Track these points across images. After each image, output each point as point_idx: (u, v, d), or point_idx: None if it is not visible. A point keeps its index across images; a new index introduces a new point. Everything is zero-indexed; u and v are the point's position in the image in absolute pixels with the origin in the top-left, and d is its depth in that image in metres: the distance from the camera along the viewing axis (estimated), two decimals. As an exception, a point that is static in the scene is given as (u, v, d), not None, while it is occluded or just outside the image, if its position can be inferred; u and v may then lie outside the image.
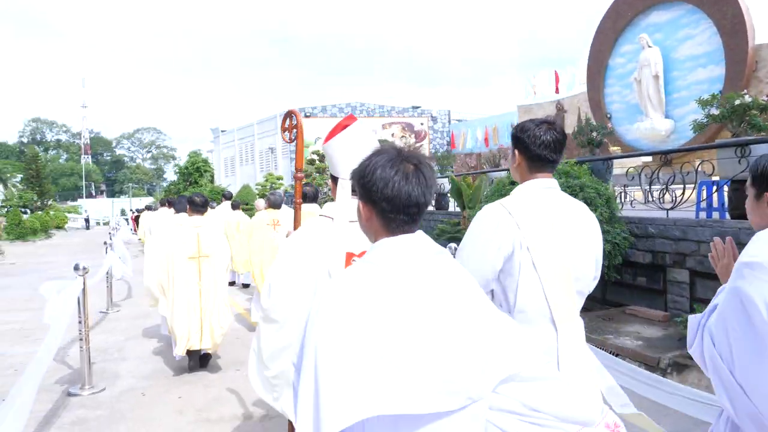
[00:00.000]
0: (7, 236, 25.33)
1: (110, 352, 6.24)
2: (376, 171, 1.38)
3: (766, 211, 1.72)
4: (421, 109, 48.41)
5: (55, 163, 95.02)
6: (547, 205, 2.14)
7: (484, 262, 2.07)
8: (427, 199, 1.40)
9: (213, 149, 58.36)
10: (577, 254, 2.13)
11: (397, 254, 1.39)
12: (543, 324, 2.08)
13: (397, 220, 1.40)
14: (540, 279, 2.04)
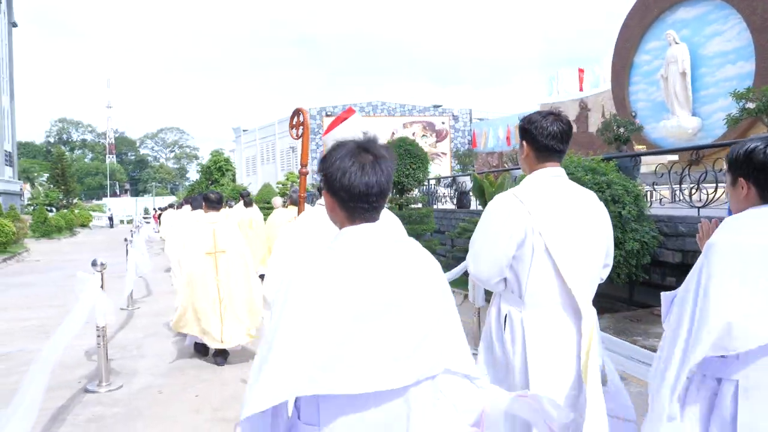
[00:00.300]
0: (33, 234, 25.71)
1: (129, 349, 6.22)
2: (335, 162, 1.46)
3: (741, 196, 1.79)
4: (443, 108, 48.15)
5: (80, 163, 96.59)
6: (556, 192, 2.19)
7: (497, 249, 2.14)
8: (383, 189, 1.47)
9: (235, 149, 58.78)
10: (586, 240, 2.17)
11: (356, 242, 1.48)
12: (555, 308, 2.12)
13: (357, 209, 1.47)
14: (554, 262, 2.09)
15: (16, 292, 10.67)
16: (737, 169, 1.79)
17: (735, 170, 1.80)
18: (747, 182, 1.77)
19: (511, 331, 2.17)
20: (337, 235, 1.52)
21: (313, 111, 44.74)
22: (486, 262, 2.18)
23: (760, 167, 1.72)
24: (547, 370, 2.10)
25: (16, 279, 12.71)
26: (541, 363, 2.10)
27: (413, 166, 11.38)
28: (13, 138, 42.29)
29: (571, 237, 2.13)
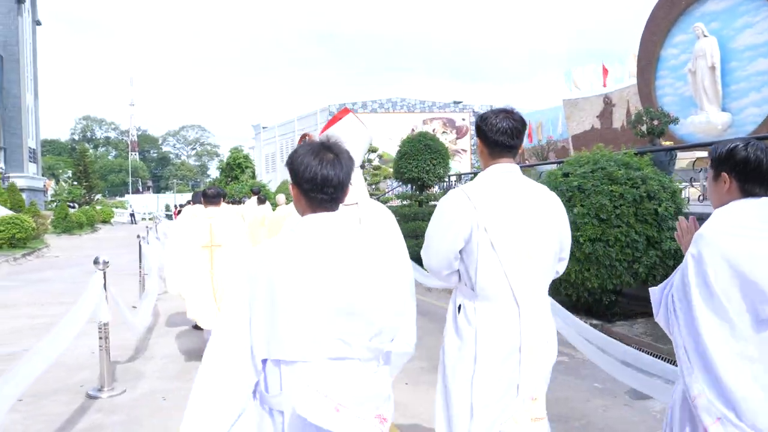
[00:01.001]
0: (54, 230, 25.87)
1: (138, 349, 5.99)
2: (299, 158, 1.66)
3: (722, 190, 1.93)
4: (463, 105, 47.59)
5: (104, 160, 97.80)
6: (506, 188, 2.26)
7: (445, 242, 2.25)
8: (341, 181, 1.66)
9: (254, 146, 58.88)
10: (536, 235, 2.23)
11: (315, 226, 1.66)
12: (504, 300, 2.20)
13: (317, 199, 1.67)
14: (498, 258, 2.18)
15: (31, 288, 10.57)
16: (720, 165, 1.95)
17: (718, 166, 1.96)
18: (729, 177, 1.92)
19: (466, 321, 2.27)
20: (299, 221, 1.70)
21: (333, 108, 44.53)
22: (436, 255, 2.30)
23: (742, 163, 1.88)
24: (493, 361, 2.21)
25: (33, 275, 12.65)
26: (488, 353, 2.21)
27: (433, 162, 11.05)
28: (37, 135, 42.78)
29: (517, 232, 2.21)
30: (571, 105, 37.69)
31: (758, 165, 1.88)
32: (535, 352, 2.22)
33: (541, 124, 42.12)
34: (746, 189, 1.91)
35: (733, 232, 1.81)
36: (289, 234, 1.68)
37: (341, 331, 1.60)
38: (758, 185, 1.90)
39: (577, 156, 6.93)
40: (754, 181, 1.90)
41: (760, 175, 1.89)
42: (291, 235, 1.67)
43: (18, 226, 17.12)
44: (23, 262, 15.36)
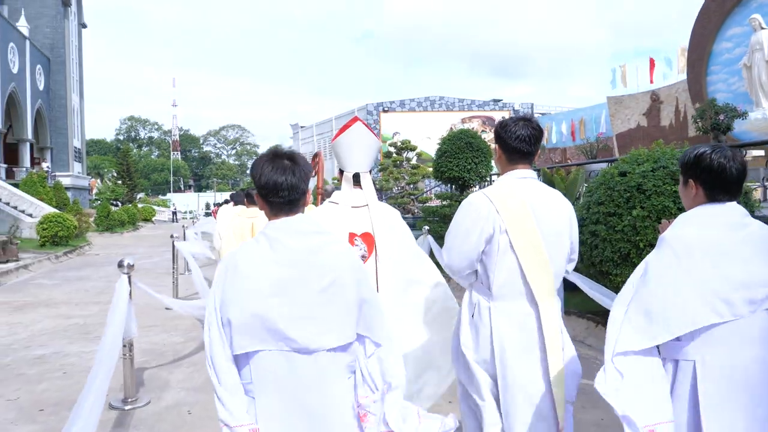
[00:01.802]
0: (97, 228, 26.30)
1: (165, 355, 5.75)
2: (256, 167, 1.83)
3: (690, 196, 1.98)
4: (503, 103, 46.75)
5: (147, 159, 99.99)
6: (523, 193, 2.33)
7: (469, 243, 2.30)
8: (293, 184, 1.80)
9: (292, 145, 59.18)
10: (550, 237, 2.31)
11: (269, 231, 1.81)
12: (519, 300, 2.29)
13: (274, 203, 1.82)
14: (517, 259, 2.26)
15: (69, 287, 10.55)
16: (688, 171, 1.98)
17: (686, 172, 2.00)
18: (696, 183, 1.95)
19: (480, 319, 2.34)
20: (265, 226, 1.83)
21: (371, 107, 44.28)
22: (458, 256, 2.34)
23: (707, 170, 1.91)
24: (511, 358, 2.27)
25: (72, 273, 12.70)
26: (505, 350, 2.27)
27: (475, 161, 10.59)
28: (82, 135, 43.82)
29: (535, 235, 2.29)
30: (615, 102, 36.50)
31: (722, 172, 1.90)
32: (556, 354, 2.29)
33: (584, 122, 40.98)
34: (711, 195, 1.94)
35: (691, 235, 1.87)
36: (256, 238, 1.84)
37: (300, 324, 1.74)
38: (722, 191, 1.93)
39: (635, 153, 6.40)
40: (718, 187, 1.92)
41: (723, 181, 1.91)
42: (253, 242, 1.83)
43: (61, 225, 17.33)
44: (64, 260, 15.52)
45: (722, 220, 1.88)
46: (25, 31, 34.26)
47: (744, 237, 1.85)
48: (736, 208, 1.93)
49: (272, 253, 1.76)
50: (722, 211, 1.91)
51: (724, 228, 1.86)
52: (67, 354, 5.81)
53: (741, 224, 1.88)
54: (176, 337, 6.51)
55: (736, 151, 1.96)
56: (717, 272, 1.79)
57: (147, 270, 13.08)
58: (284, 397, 1.74)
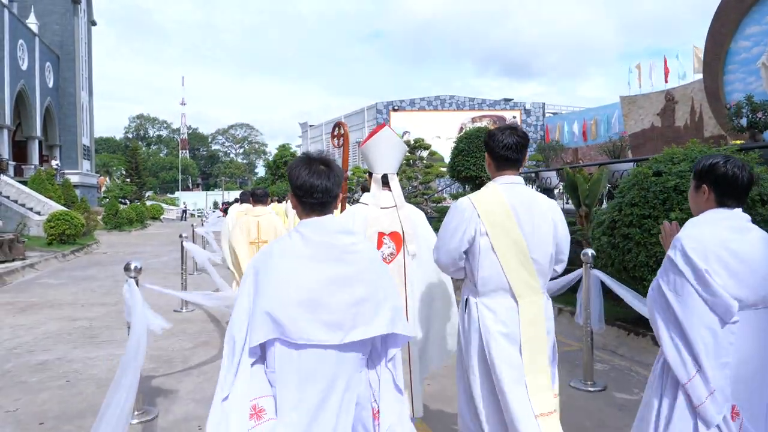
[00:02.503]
0: (105, 226, 26.14)
1: (174, 362, 5.45)
2: (294, 169, 1.96)
3: (702, 200, 2.19)
4: (514, 102, 46.33)
5: (155, 157, 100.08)
6: (507, 197, 2.52)
7: (453, 243, 2.54)
8: (328, 187, 1.93)
9: (301, 144, 58.92)
10: (534, 239, 2.51)
11: (303, 229, 1.93)
12: (503, 295, 2.51)
13: (308, 204, 1.95)
14: (498, 258, 2.48)
15: (75, 287, 10.30)
16: (702, 178, 2.18)
17: (700, 178, 2.19)
18: (708, 189, 2.16)
19: (469, 313, 2.58)
20: (298, 224, 1.97)
21: (380, 106, 44.00)
22: (445, 255, 2.58)
23: (721, 178, 2.13)
24: (495, 348, 2.48)
25: (79, 272, 12.46)
26: (490, 340, 2.49)
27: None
28: (91, 133, 43.75)
29: (517, 236, 2.49)
30: (629, 102, 35.99)
31: (734, 180, 2.11)
32: (534, 341, 2.50)
33: (596, 121, 40.48)
34: (721, 201, 2.14)
35: (704, 234, 2.06)
36: (290, 232, 1.95)
37: (326, 318, 1.83)
38: (732, 198, 2.14)
39: (669, 152, 6.05)
40: (729, 194, 2.13)
41: (734, 189, 2.12)
42: (287, 239, 1.94)
43: (68, 223, 17.13)
44: (71, 258, 15.29)
45: (730, 224, 2.09)
46: (34, 28, 34.18)
47: (750, 239, 2.08)
48: (741, 214, 2.14)
49: (305, 249, 1.88)
50: (731, 215, 2.12)
51: (731, 230, 2.07)
52: (70, 360, 5.52)
53: (746, 228, 2.11)
54: (185, 341, 6.22)
55: (746, 162, 2.20)
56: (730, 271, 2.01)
57: (155, 270, 12.82)
58: (303, 386, 1.83)
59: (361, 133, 46.24)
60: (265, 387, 1.85)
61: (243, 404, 1.82)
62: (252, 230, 5.95)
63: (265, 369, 1.87)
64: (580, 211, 8.89)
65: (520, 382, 2.45)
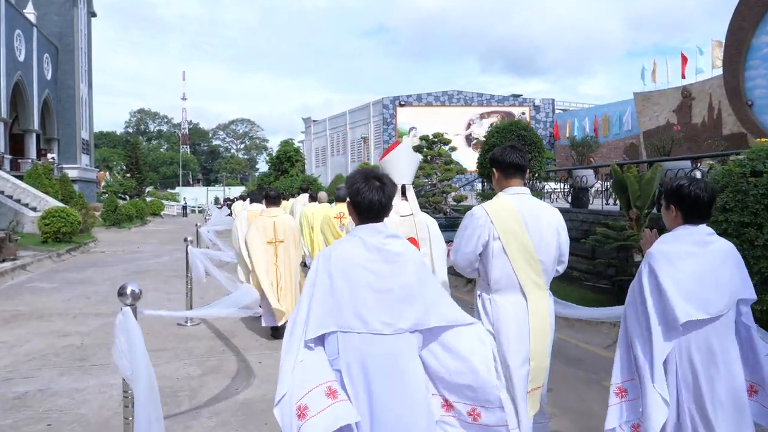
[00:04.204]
0: (103, 222, 25.21)
1: (180, 397, 4.53)
2: (354, 185, 2.28)
3: (671, 218, 2.54)
4: (523, 98, 45.35)
5: (156, 152, 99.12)
6: (516, 206, 2.89)
7: (470, 247, 2.89)
8: (383, 204, 2.28)
9: (303, 139, 57.93)
10: (539, 242, 2.87)
11: (361, 234, 2.26)
12: (513, 293, 2.86)
13: (364, 216, 2.28)
14: (509, 260, 2.82)
15: (68, 292, 9.38)
16: (670, 198, 2.53)
17: (668, 198, 2.54)
18: (676, 208, 2.51)
19: (484, 309, 2.93)
20: (355, 229, 2.31)
21: (387, 101, 43.00)
22: (462, 257, 2.94)
23: (686, 198, 2.46)
24: (506, 339, 2.83)
25: (75, 274, 11.55)
26: (501, 333, 2.84)
27: (528, 156, 9.31)
28: (90, 127, 42.77)
29: (525, 240, 2.84)
30: (643, 98, 35.03)
31: (696, 201, 2.45)
32: (540, 332, 2.86)
33: (608, 118, 39.52)
34: (687, 218, 2.49)
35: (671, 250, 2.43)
36: (346, 237, 2.35)
37: (383, 311, 2.16)
38: (696, 216, 2.48)
39: (762, 148, 5.13)
40: (693, 213, 2.48)
41: (697, 208, 2.47)
42: (347, 239, 2.31)
43: (64, 220, 16.18)
44: (66, 258, 14.36)
45: (694, 239, 2.46)
46: (32, 18, 33.19)
47: (713, 250, 2.45)
48: (704, 228, 2.50)
49: (363, 251, 2.23)
50: (695, 230, 2.48)
51: (695, 244, 2.44)
52: (55, 393, 4.60)
53: (709, 241, 2.47)
54: (191, 367, 5.30)
55: (708, 183, 2.53)
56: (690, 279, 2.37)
57: (157, 272, 11.91)
58: (365, 372, 2.12)
59: (366, 128, 45.25)
60: (331, 372, 2.13)
61: (318, 384, 2.08)
62: (269, 230, 6.23)
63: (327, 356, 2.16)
64: (630, 214, 7.99)
65: (524, 366, 2.82)
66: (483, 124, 43.19)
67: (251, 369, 5.23)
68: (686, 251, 2.38)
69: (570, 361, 5.48)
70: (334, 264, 2.17)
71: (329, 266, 2.18)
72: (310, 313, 2.13)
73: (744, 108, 25.92)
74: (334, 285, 2.13)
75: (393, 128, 42.92)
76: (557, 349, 3.28)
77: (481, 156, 9.64)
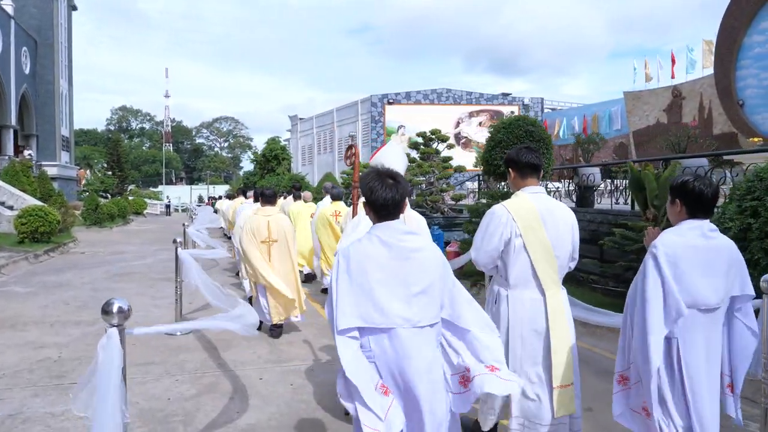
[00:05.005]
0: (84, 222, 24.35)
1: (172, 421, 3.97)
2: (368, 183, 2.40)
3: (676, 212, 2.64)
4: (512, 97, 45.05)
5: (138, 150, 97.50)
6: (535, 204, 3.03)
7: (492, 244, 3.03)
8: (397, 201, 2.38)
9: (290, 137, 57.17)
10: (556, 239, 3.01)
11: (378, 233, 2.37)
12: (531, 288, 3.01)
13: (381, 212, 2.39)
14: (529, 256, 2.96)
15: (46, 297, 8.72)
16: (675, 193, 2.63)
17: (674, 194, 2.64)
18: (681, 203, 2.61)
19: (499, 303, 3.08)
20: (372, 228, 2.41)
21: (375, 99, 42.43)
22: (485, 254, 3.07)
23: (690, 194, 2.57)
24: (521, 335, 3.00)
25: (53, 277, 10.86)
26: (517, 328, 3.01)
27: (537, 153, 8.84)
28: (71, 123, 41.64)
29: (543, 238, 2.98)
30: (633, 98, 34.83)
31: (700, 196, 2.55)
32: (559, 327, 2.98)
33: (597, 117, 39.31)
34: (692, 213, 2.58)
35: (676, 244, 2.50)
36: (367, 235, 2.39)
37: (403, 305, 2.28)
38: (700, 211, 2.58)
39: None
40: (697, 208, 2.57)
41: (701, 204, 2.56)
42: (368, 237, 2.38)
43: (42, 219, 15.42)
44: (45, 260, 13.63)
45: (698, 233, 2.54)
46: (9, 10, 32.10)
47: (714, 245, 2.54)
48: (708, 223, 2.58)
49: (382, 249, 2.32)
50: (699, 225, 2.56)
51: (699, 238, 2.53)
52: (27, 419, 4.01)
53: (712, 236, 2.55)
54: (184, 384, 4.72)
55: (712, 180, 2.84)
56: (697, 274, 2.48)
57: (141, 274, 11.27)
58: (394, 363, 2.26)
59: (354, 126, 44.66)
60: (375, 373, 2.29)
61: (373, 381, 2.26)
62: (262, 230, 6.21)
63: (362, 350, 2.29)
64: (648, 213, 7.55)
65: (537, 363, 2.98)
66: (472, 122, 42.84)
67: (252, 386, 4.67)
68: (689, 245, 2.50)
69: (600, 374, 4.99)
70: (354, 262, 2.29)
71: (349, 264, 2.29)
72: (337, 309, 2.25)
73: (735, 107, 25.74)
74: (354, 282, 2.26)
75: (381, 126, 42.35)
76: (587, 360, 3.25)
77: (486, 152, 9.12)
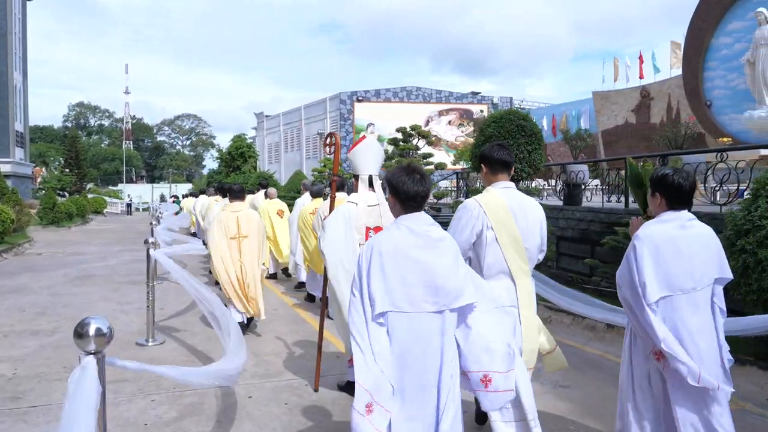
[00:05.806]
0: (40, 221, 23.14)
1: (152, 453, 3.40)
2: (399, 178, 2.53)
3: (656, 204, 2.81)
4: (481, 96, 45.00)
5: (97, 148, 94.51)
6: (505, 199, 3.20)
7: (464, 236, 3.16)
8: (425, 194, 2.56)
9: (255, 135, 56.08)
10: (525, 232, 3.19)
11: (406, 223, 2.50)
12: (503, 278, 3.18)
13: (408, 205, 2.53)
14: (500, 248, 3.14)
15: (-2, 303, 7.94)
16: (655, 186, 2.81)
17: (654, 186, 2.82)
18: (660, 195, 2.78)
19: None
20: (399, 218, 2.54)
21: (344, 96, 41.78)
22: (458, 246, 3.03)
23: (669, 186, 2.75)
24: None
25: (6, 281, 10.01)
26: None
27: (528, 148, 8.51)
28: (26, 118, 39.80)
29: (513, 230, 3.15)
30: (602, 98, 35.12)
31: (679, 188, 2.73)
32: (528, 314, 3.20)
33: (566, 116, 39.59)
34: (671, 205, 2.76)
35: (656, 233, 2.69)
36: (393, 225, 2.53)
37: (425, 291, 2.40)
38: (678, 202, 2.76)
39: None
40: (676, 199, 2.75)
41: (680, 195, 2.75)
42: (394, 227, 2.51)
43: (-6, 218, 14.44)
44: (-2, 262, 12.70)
45: (676, 223, 2.72)
46: (-42, -2, 30.40)
47: (692, 233, 2.72)
48: (687, 214, 2.77)
49: (411, 238, 2.45)
50: (678, 215, 2.75)
51: (677, 228, 2.71)
52: (-23, 452, 3.41)
53: (690, 225, 2.74)
54: (163, 406, 4.12)
55: (690, 172, 3.15)
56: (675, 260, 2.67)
57: (104, 277, 10.50)
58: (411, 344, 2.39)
59: (322, 123, 43.95)
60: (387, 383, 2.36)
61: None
62: (231, 226, 6.18)
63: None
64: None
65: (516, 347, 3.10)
66: (441, 121, 42.59)
67: (241, 407, 4.12)
68: (669, 234, 2.67)
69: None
70: (385, 250, 2.40)
71: (380, 252, 2.40)
72: (372, 294, 2.35)
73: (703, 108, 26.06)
74: (385, 269, 2.37)
75: (350, 124, 41.72)
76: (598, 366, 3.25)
77: (475, 147, 8.73)
